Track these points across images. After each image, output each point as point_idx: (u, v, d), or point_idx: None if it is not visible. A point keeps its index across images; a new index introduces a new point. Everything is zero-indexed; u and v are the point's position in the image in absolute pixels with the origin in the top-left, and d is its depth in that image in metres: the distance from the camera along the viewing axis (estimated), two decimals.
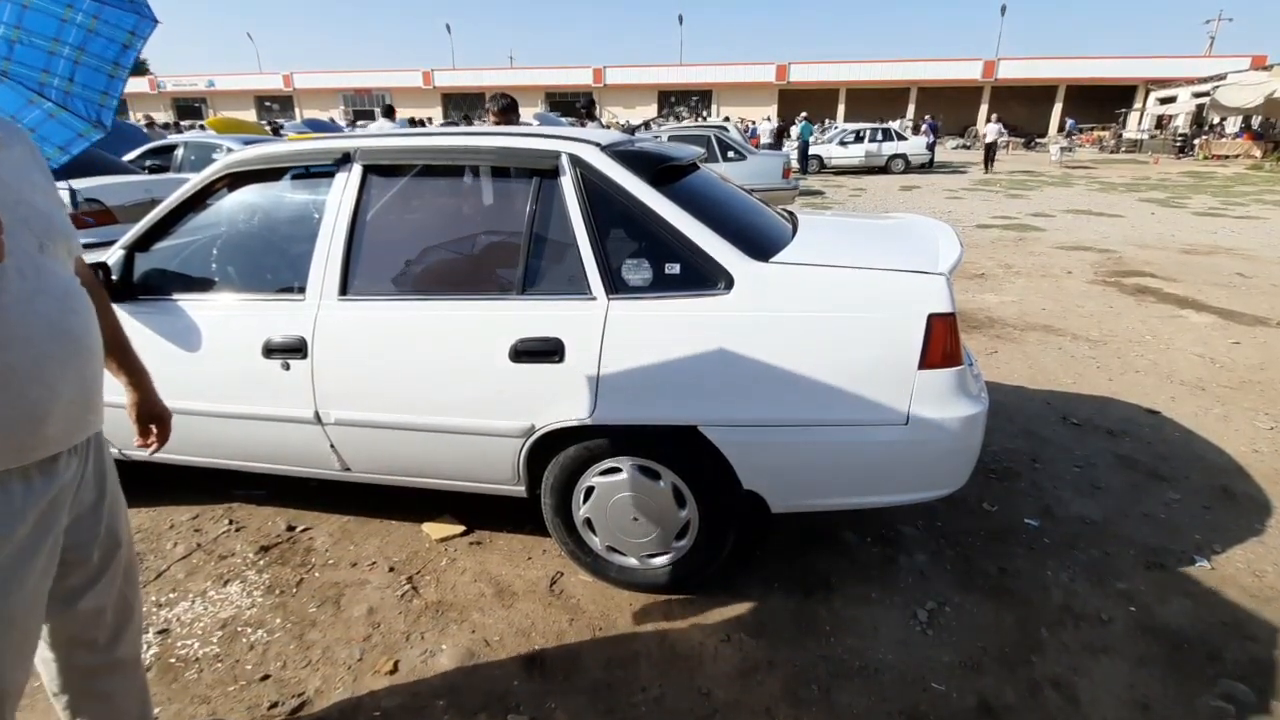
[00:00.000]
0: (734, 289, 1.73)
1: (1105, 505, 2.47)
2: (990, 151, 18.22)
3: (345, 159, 2.01)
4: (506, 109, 4.00)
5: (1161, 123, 27.90)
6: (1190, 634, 1.85)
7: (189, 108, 41.58)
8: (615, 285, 1.79)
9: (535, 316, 1.82)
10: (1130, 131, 28.39)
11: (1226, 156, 20.86)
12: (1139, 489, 2.57)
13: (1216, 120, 22.78)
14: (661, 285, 1.78)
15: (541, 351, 1.79)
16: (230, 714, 1.64)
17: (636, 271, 1.80)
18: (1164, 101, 28.24)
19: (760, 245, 1.85)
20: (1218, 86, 21.84)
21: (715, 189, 2.24)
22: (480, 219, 2.18)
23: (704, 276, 1.76)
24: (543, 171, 1.88)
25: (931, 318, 1.67)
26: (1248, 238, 7.99)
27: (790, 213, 2.48)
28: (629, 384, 1.76)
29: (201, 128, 10.63)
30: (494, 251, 2.07)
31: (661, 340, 1.76)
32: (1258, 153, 20.16)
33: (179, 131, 10.75)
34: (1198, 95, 24.15)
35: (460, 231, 2.20)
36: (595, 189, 1.84)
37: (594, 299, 1.79)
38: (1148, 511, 2.43)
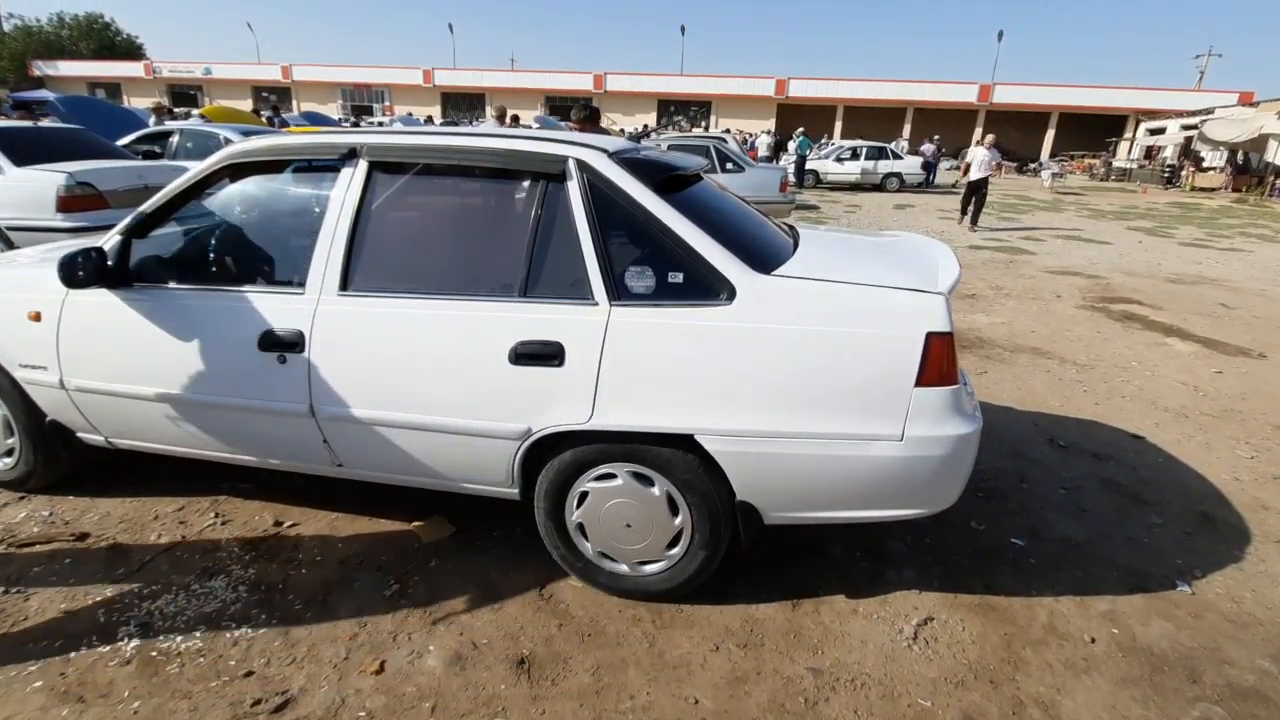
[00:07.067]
0: (736, 300, 1.75)
1: (1090, 527, 2.50)
2: (975, 192, 10.46)
3: (351, 154, 2.01)
4: (587, 118, 4.43)
5: (1151, 153, 28.43)
6: (1171, 657, 1.87)
7: (185, 95, 41.15)
8: (618, 291, 1.80)
9: (536, 319, 1.82)
10: (1120, 160, 28.91)
11: (1212, 189, 21.29)
12: (1123, 512, 2.61)
13: (1201, 151, 23.23)
14: (664, 293, 1.79)
15: (541, 355, 1.79)
16: (212, 709, 1.61)
17: (640, 279, 1.81)
18: (1153, 132, 28.81)
19: (763, 258, 1.87)
20: (1205, 120, 22.32)
21: (719, 200, 2.26)
22: (485, 220, 2.18)
23: (707, 286, 1.77)
24: (549, 175, 1.89)
25: (930, 336, 1.69)
26: (1232, 269, 8.16)
27: (791, 226, 2.50)
28: (628, 390, 1.77)
29: (202, 116, 10.52)
30: (497, 253, 2.07)
31: (662, 348, 1.76)
32: (1243, 187, 20.61)
33: (174, 118, 10.61)
34: (1187, 128, 24.66)
35: (464, 232, 2.19)
36: (601, 195, 1.85)
37: (596, 304, 1.80)
38: (1131, 535, 2.46)
